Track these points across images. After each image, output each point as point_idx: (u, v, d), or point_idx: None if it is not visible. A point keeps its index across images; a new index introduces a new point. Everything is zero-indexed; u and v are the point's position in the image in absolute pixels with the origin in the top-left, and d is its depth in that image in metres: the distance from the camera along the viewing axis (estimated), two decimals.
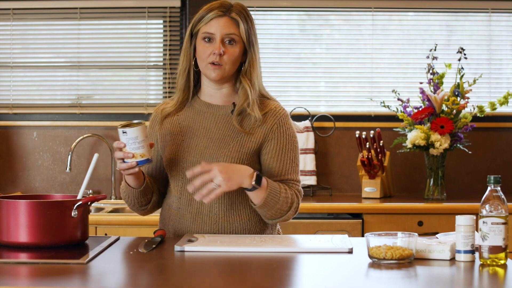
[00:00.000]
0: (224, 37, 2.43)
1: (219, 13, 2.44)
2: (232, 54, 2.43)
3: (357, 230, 3.85)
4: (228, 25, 2.43)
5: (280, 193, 2.38)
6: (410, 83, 4.47)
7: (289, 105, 4.49)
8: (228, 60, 2.43)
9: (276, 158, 2.46)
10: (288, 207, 2.41)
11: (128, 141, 2.30)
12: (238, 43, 2.44)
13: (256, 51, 2.48)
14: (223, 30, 2.42)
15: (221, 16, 2.43)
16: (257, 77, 2.47)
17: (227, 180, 2.29)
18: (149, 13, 4.52)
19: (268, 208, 2.39)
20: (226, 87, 2.51)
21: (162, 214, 2.58)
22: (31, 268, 2.02)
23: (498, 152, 4.53)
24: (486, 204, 2.05)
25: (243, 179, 2.32)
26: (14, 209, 2.22)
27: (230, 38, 2.43)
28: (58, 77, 4.57)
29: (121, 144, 2.31)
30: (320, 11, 4.56)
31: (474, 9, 4.54)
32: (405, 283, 1.89)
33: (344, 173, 4.50)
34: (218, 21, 2.43)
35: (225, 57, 2.43)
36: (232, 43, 2.43)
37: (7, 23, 4.52)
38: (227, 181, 2.29)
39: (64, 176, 4.48)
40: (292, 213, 2.43)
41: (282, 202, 2.39)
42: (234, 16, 2.43)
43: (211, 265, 2.08)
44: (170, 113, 2.54)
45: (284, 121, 2.48)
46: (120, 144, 2.31)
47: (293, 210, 2.43)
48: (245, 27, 2.44)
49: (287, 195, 2.40)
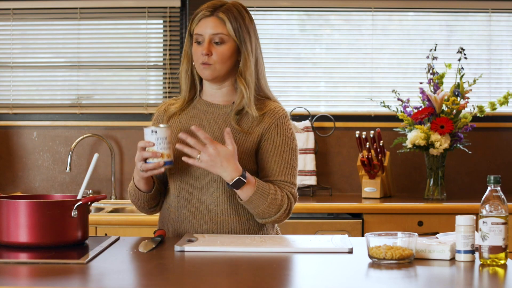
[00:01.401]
0: (211, 37, 2.42)
1: (206, 13, 2.43)
2: (221, 54, 2.42)
3: (357, 230, 3.85)
4: (214, 25, 2.42)
5: (268, 194, 2.38)
6: (410, 83, 4.47)
7: (289, 105, 4.50)
8: (217, 60, 2.42)
9: (270, 158, 2.45)
10: (277, 209, 2.40)
11: (157, 140, 2.31)
12: (228, 42, 2.43)
13: (251, 49, 2.45)
14: (210, 30, 2.42)
15: (208, 16, 2.43)
16: (251, 75, 2.45)
17: (208, 162, 2.31)
18: (149, 13, 4.52)
19: (255, 206, 2.38)
20: (226, 87, 2.50)
21: (162, 213, 2.58)
22: (31, 268, 2.02)
23: (498, 152, 4.53)
24: (486, 204, 2.05)
25: (225, 173, 2.33)
26: (14, 209, 2.22)
27: (218, 38, 2.42)
28: (58, 77, 4.57)
29: (150, 143, 2.31)
30: (320, 11, 4.56)
31: (474, 9, 4.54)
32: (405, 283, 1.89)
33: (344, 173, 4.50)
34: (205, 22, 2.43)
35: (213, 57, 2.42)
36: (220, 43, 2.42)
37: (7, 23, 4.52)
38: (206, 164, 2.31)
39: (64, 176, 4.48)
40: (283, 215, 2.42)
41: (269, 203, 2.38)
42: (220, 16, 2.42)
43: (211, 265, 2.08)
44: (175, 113, 2.55)
45: (282, 122, 2.48)
46: (148, 143, 2.31)
47: (283, 212, 2.41)
48: (235, 25, 2.42)
49: (276, 196, 2.39)
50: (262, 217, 2.43)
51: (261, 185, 2.38)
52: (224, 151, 2.32)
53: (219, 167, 2.32)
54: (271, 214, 2.41)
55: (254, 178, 2.38)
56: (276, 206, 2.40)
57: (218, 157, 2.31)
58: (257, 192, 2.36)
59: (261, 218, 2.44)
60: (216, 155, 2.30)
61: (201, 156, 2.31)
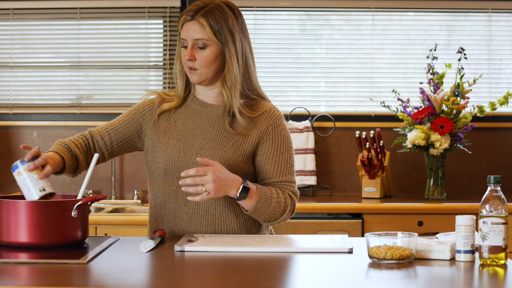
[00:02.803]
0: (194, 42, 2.39)
1: (187, 17, 2.40)
2: (203, 59, 2.39)
3: (357, 230, 3.85)
4: (195, 29, 2.38)
5: (271, 199, 2.39)
6: (410, 83, 4.47)
7: (289, 105, 4.50)
8: (201, 65, 2.40)
9: (271, 159, 2.45)
10: (282, 211, 2.42)
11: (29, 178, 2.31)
12: (211, 46, 2.39)
13: (235, 50, 2.40)
14: (191, 36, 2.39)
15: (189, 21, 2.40)
16: (236, 79, 2.40)
17: (216, 190, 2.30)
18: (149, 13, 4.52)
19: (260, 213, 2.40)
20: (217, 87, 2.47)
21: (154, 213, 2.54)
22: (31, 268, 2.02)
23: (498, 152, 4.53)
24: (486, 204, 2.05)
25: (230, 189, 2.33)
26: (14, 209, 2.22)
27: (200, 43, 2.39)
28: (58, 77, 4.57)
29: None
30: (320, 11, 4.56)
31: (474, 9, 4.55)
32: (405, 283, 1.89)
33: (344, 173, 4.50)
34: (187, 26, 2.40)
35: (198, 62, 2.40)
36: (203, 47, 2.39)
37: (7, 23, 4.52)
38: (215, 190, 2.30)
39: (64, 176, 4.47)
40: (287, 215, 2.44)
41: (274, 207, 2.40)
42: (200, 20, 2.37)
43: (211, 265, 2.08)
44: (168, 110, 2.53)
45: (278, 123, 2.47)
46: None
47: (287, 212, 2.44)
48: (215, 28, 2.37)
49: (279, 199, 2.40)
50: (268, 221, 2.44)
51: (263, 192, 2.38)
52: (219, 169, 2.31)
53: (226, 186, 2.32)
54: (277, 217, 2.43)
55: (255, 185, 2.38)
56: (281, 209, 2.42)
57: (219, 179, 2.30)
58: (260, 200, 2.37)
59: (267, 222, 2.45)
60: (218, 177, 2.30)
61: (206, 188, 2.29)
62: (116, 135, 2.52)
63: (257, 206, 2.37)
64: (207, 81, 2.45)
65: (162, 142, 2.48)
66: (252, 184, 2.38)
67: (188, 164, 2.42)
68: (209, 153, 2.42)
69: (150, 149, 2.50)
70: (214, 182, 2.29)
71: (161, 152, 2.46)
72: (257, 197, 2.36)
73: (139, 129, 2.52)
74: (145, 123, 2.52)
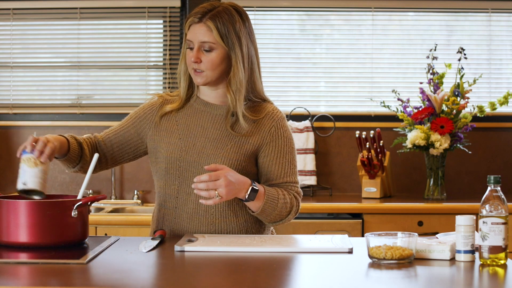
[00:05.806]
0: (200, 45, 2.39)
1: (195, 19, 2.39)
2: (209, 61, 2.40)
3: (357, 230, 3.85)
4: (202, 32, 2.38)
5: (278, 200, 2.40)
6: (410, 83, 4.47)
7: (289, 105, 4.50)
8: (206, 67, 2.40)
9: (274, 161, 2.46)
10: (288, 211, 2.44)
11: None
12: (217, 49, 2.39)
13: (241, 54, 2.41)
14: (198, 38, 2.39)
15: (196, 23, 2.39)
16: (241, 83, 2.41)
17: (227, 193, 2.30)
18: (149, 13, 4.52)
19: (267, 214, 2.41)
20: (221, 88, 2.48)
21: (155, 213, 2.55)
22: (31, 268, 2.02)
23: (498, 152, 4.53)
24: (486, 204, 2.05)
25: (240, 192, 2.34)
26: (14, 209, 2.22)
27: (207, 45, 2.39)
28: (58, 77, 4.57)
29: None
30: (320, 11, 4.56)
31: (474, 9, 4.55)
32: (405, 283, 1.89)
33: (344, 173, 4.50)
34: (194, 28, 2.40)
35: (203, 64, 2.40)
36: (209, 50, 2.39)
37: (7, 23, 4.52)
38: (227, 194, 2.30)
39: (64, 176, 4.48)
40: (292, 216, 2.46)
41: (280, 208, 2.41)
42: (208, 23, 2.37)
43: (211, 265, 2.08)
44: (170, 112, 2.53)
45: (281, 124, 2.48)
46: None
47: (293, 213, 2.45)
48: (223, 32, 2.38)
49: (285, 200, 2.41)
50: (274, 222, 2.45)
51: (270, 193, 2.39)
52: (230, 173, 2.30)
53: (237, 189, 2.32)
54: (283, 217, 2.44)
55: (262, 187, 2.39)
56: (287, 210, 2.43)
57: (233, 181, 2.30)
58: (267, 201, 2.38)
59: (273, 223, 2.46)
60: (230, 182, 2.30)
61: (219, 193, 2.29)
62: (116, 138, 2.55)
63: (264, 207, 2.38)
64: (212, 83, 2.45)
65: (164, 142, 2.48)
66: (259, 185, 2.39)
67: (190, 163, 2.42)
68: (211, 152, 2.42)
69: (152, 150, 2.51)
70: (226, 186, 2.29)
71: (163, 151, 2.47)
72: (264, 198, 2.37)
73: (140, 132, 2.53)
74: (146, 126, 2.53)
